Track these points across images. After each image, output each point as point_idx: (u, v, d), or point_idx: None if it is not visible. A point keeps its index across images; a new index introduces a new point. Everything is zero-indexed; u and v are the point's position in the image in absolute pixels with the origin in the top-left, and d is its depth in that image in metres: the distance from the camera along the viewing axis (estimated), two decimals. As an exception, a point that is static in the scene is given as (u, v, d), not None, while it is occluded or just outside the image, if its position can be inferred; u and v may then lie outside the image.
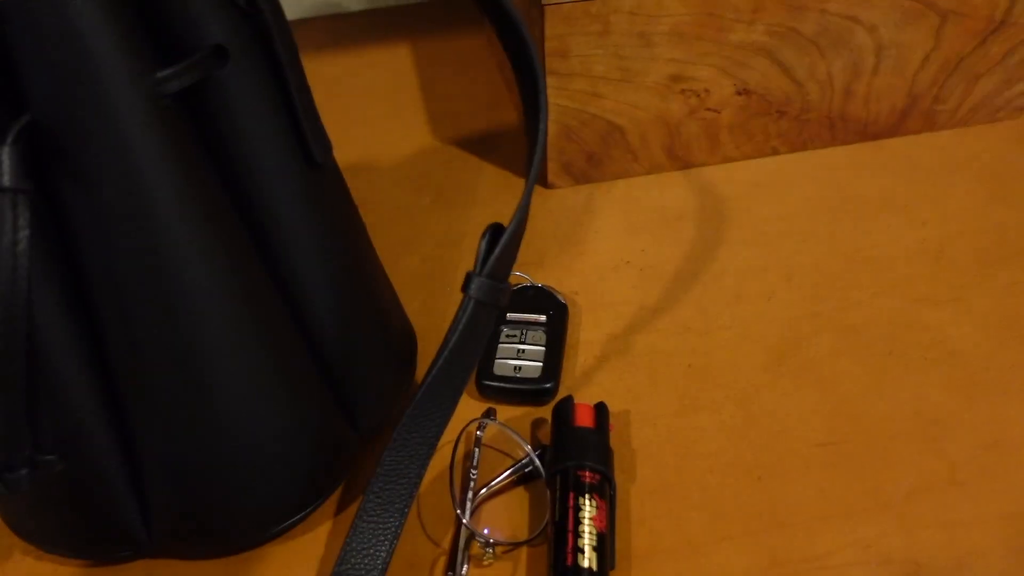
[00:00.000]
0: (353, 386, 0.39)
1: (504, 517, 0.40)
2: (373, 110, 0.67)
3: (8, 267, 0.27)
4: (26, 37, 0.27)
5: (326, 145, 0.36)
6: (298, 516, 0.38)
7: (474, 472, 0.41)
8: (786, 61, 0.55)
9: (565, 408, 0.41)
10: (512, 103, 0.67)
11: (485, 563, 0.38)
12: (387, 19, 0.78)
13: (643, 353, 0.47)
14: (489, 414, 0.42)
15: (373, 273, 0.41)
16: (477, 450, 0.42)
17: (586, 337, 0.48)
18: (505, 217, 0.57)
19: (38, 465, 0.32)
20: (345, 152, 0.63)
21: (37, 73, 0.28)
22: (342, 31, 0.77)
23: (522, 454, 0.42)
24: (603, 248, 0.54)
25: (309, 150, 0.35)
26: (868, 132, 0.60)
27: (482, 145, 0.63)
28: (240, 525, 0.37)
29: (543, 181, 0.59)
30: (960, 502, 0.40)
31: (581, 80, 0.53)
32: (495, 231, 0.37)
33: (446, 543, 0.39)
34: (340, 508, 0.41)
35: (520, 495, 0.41)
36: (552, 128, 0.56)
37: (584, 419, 0.41)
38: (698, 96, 0.56)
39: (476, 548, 0.39)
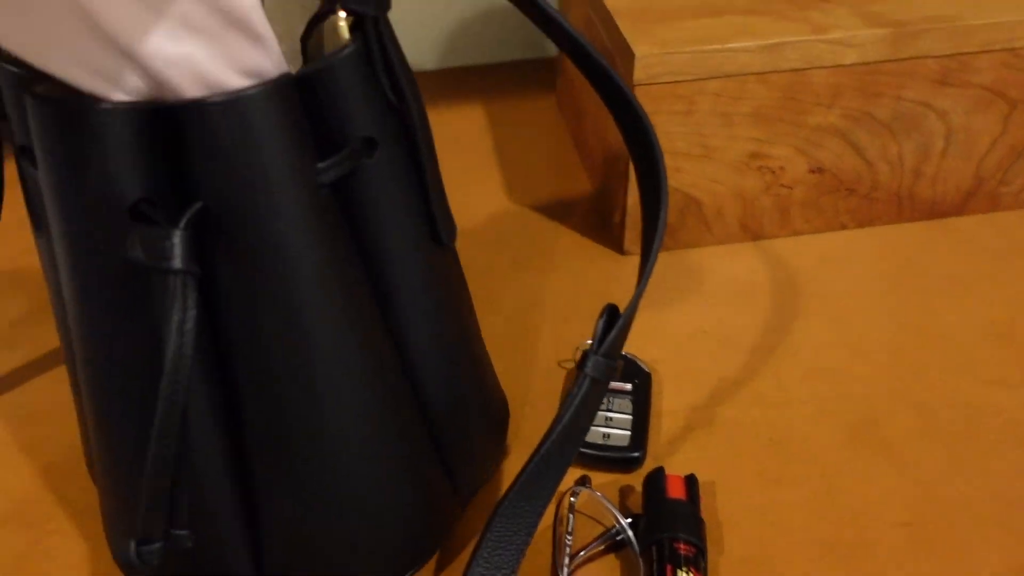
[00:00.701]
0: (457, 451, 0.41)
1: (598, 584, 0.42)
2: (448, 169, 0.69)
3: (175, 345, 0.29)
4: (205, 133, 0.29)
5: (452, 227, 0.38)
6: (404, 576, 0.40)
7: (569, 538, 0.42)
8: (859, 142, 0.57)
9: (657, 479, 0.43)
10: (584, 167, 0.69)
11: (582, 630, 0.40)
12: (460, 79, 0.81)
13: (724, 424, 0.49)
14: (584, 482, 0.44)
15: (477, 342, 0.43)
16: (571, 516, 0.43)
17: (668, 406, 0.50)
18: (584, 282, 0.59)
19: (171, 540, 0.33)
20: (424, 211, 0.65)
21: (211, 165, 0.30)
22: (415, 89, 0.79)
23: (611, 522, 0.44)
24: (680, 317, 0.56)
25: (438, 232, 0.37)
26: (935, 210, 0.62)
27: (557, 208, 0.65)
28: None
29: (619, 248, 0.61)
30: (1042, 587, 0.41)
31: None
32: (611, 313, 0.39)
33: (543, 608, 0.41)
34: (438, 569, 0.42)
35: (611, 562, 0.43)
36: (630, 199, 0.58)
37: (676, 491, 0.42)
38: (773, 173, 0.58)
39: (574, 615, 0.40)
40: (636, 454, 0.46)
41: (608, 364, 0.37)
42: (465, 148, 0.72)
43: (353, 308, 0.34)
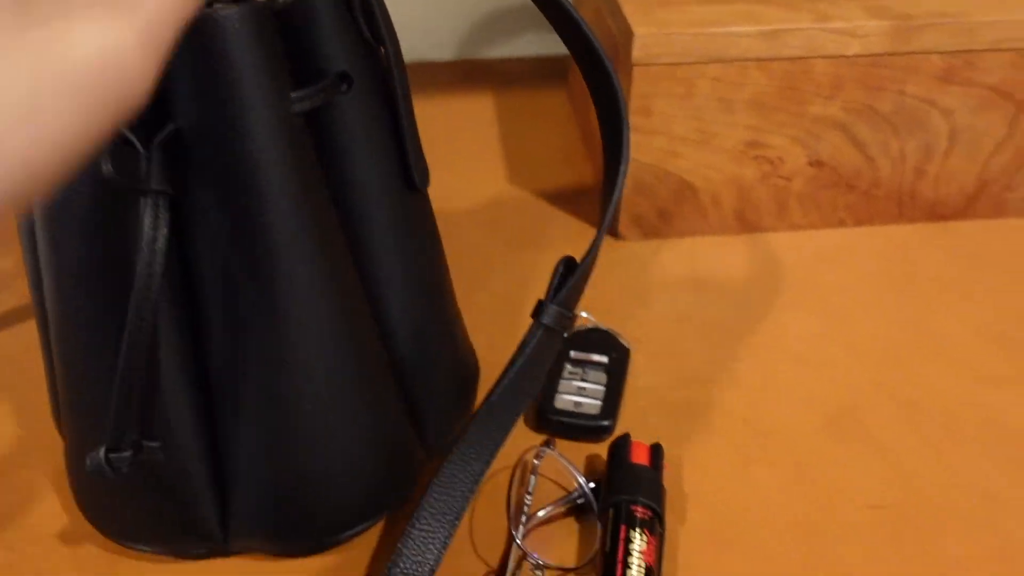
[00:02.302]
0: (424, 401, 0.41)
1: (554, 544, 0.41)
2: (455, 154, 0.70)
3: (146, 263, 0.30)
4: (181, 55, 0.30)
5: (425, 173, 0.39)
6: (365, 524, 0.40)
7: (528, 498, 0.42)
8: (860, 137, 0.57)
9: (622, 445, 0.43)
10: (589, 160, 0.69)
11: (534, 586, 0.39)
12: (474, 70, 0.82)
13: (701, 404, 0.48)
14: (548, 444, 0.44)
15: (448, 296, 0.43)
16: (533, 477, 0.43)
17: (646, 383, 0.50)
18: (575, 263, 0.59)
19: (142, 450, 0.34)
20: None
21: (186, 88, 0.31)
22: (430, 78, 0.81)
23: (575, 487, 0.43)
24: (667, 301, 0.55)
25: (411, 175, 0.38)
26: (936, 212, 0.61)
27: (558, 197, 0.65)
28: (312, 530, 0.39)
29: (613, 232, 0.61)
30: (1010, 579, 0.40)
31: (661, 138, 0.56)
32: (568, 263, 0.39)
33: (494, 562, 0.41)
34: (403, 521, 0.43)
35: (569, 525, 0.42)
36: (627, 182, 0.58)
37: (640, 457, 0.42)
38: (771, 163, 0.58)
39: (526, 570, 0.40)
40: (606, 423, 0.46)
41: (562, 314, 0.37)
42: (473, 137, 0.73)
43: (322, 237, 0.34)
